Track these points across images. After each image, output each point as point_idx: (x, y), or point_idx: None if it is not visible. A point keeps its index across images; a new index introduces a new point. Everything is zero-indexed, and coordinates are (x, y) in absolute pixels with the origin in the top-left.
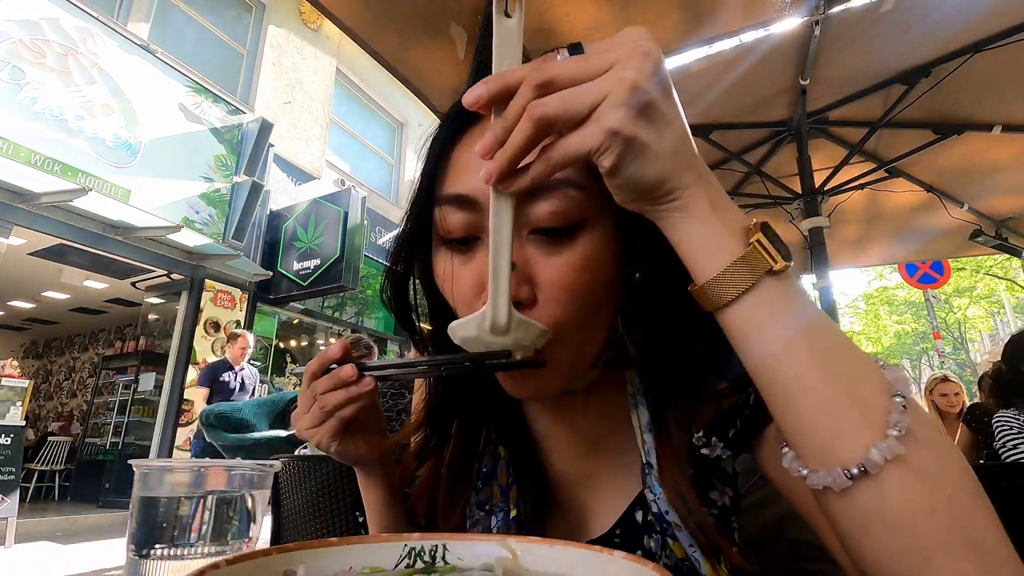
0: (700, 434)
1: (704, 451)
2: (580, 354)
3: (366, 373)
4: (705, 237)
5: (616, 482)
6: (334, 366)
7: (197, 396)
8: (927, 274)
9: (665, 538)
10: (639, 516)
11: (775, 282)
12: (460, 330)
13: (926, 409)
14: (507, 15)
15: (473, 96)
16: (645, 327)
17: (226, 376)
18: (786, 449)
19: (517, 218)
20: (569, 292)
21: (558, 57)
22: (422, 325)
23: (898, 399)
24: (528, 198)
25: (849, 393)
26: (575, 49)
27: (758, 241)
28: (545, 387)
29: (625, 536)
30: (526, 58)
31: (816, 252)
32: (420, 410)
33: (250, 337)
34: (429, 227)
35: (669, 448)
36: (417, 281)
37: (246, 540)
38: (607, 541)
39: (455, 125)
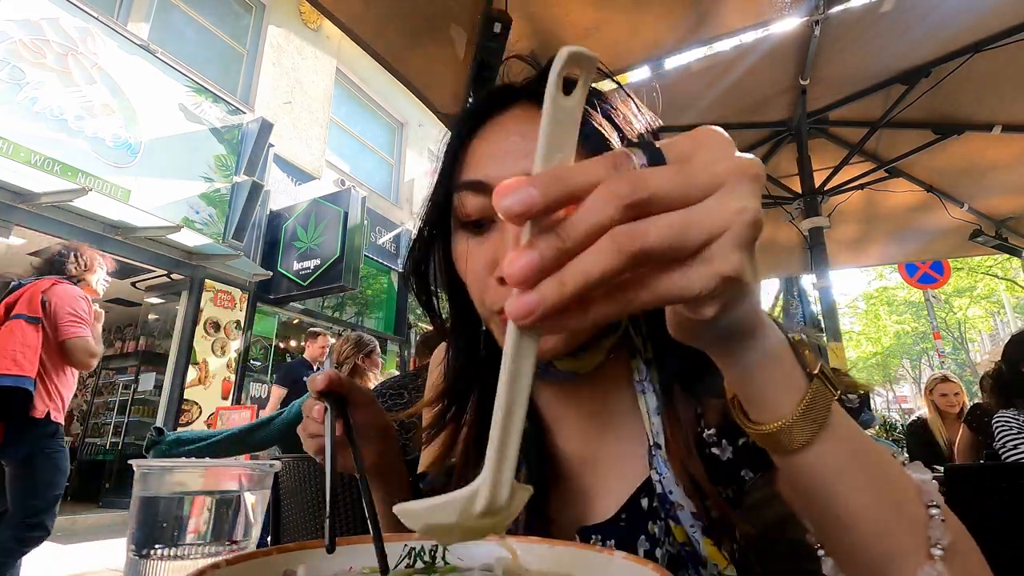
0: (712, 431)
1: (715, 451)
2: (581, 330)
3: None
4: (777, 377)
5: (622, 468)
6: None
7: (273, 396)
8: (927, 274)
9: (668, 522)
10: (644, 503)
11: (838, 415)
12: (429, 515)
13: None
14: (566, 93)
15: (520, 201)
16: (648, 316)
17: (307, 377)
18: (823, 553)
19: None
20: None
21: (634, 160)
22: (423, 325)
23: (934, 511)
24: None
25: (899, 517)
26: (653, 152)
27: (822, 372)
28: (548, 352)
29: (630, 520)
30: (528, 58)
31: (816, 252)
32: (437, 385)
33: (330, 338)
34: (448, 215)
35: (676, 424)
36: (436, 271)
37: (246, 540)
38: (613, 524)
39: (472, 124)
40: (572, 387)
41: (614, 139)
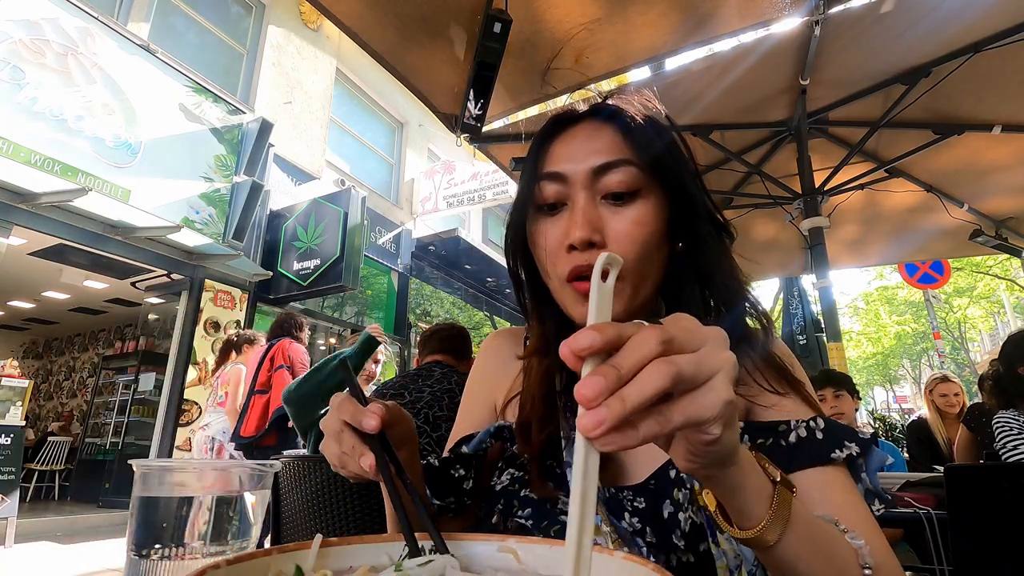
0: (741, 424)
1: None
2: (637, 289)
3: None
4: (753, 486)
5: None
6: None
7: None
8: (927, 274)
9: (692, 489)
10: (672, 473)
11: (795, 508)
12: None
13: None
14: (603, 280)
15: (585, 342)
16: (680, 298)
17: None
18: None
19: (592, 199)
20: (629, 239)
21: (646, 325)
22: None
23: (867, 571)
24: (602, 173)
25: (841, 574)
26: (654, 323)
27: (783, 477)
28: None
29: (658, 486)
30: (593, 91)
31: (816, 252)
32: (531, 349)
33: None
34: (528, 205)
35: None
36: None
37: (246, 540)
38: (642, 487)
39: (551, 133)
40: None
41: (637, 120)
